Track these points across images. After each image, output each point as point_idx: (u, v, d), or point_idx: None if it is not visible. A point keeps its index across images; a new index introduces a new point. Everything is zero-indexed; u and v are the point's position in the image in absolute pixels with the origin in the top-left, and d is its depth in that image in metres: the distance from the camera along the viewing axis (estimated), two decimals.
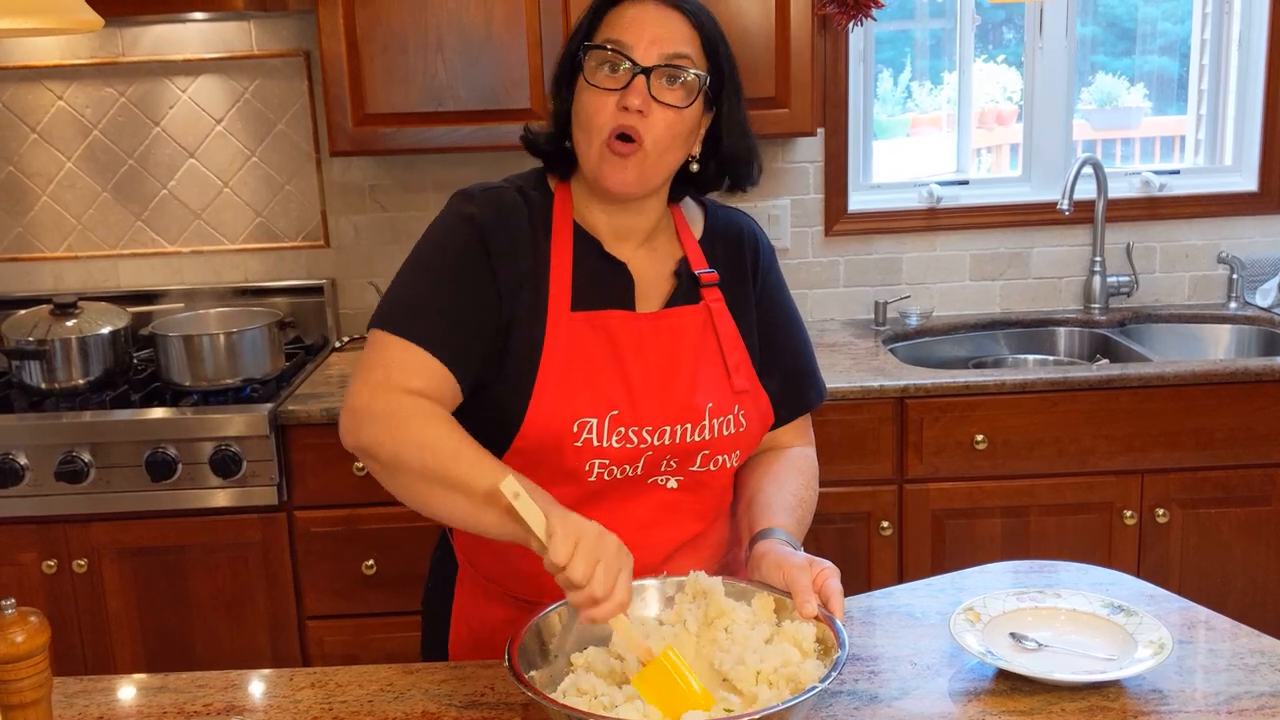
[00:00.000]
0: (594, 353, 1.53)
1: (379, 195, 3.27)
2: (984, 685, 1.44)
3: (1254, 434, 2.77)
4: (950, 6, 3.43)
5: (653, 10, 1.52)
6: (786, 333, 1.71)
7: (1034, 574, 1.75)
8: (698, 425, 1.55)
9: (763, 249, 1.70)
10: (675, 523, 1.60)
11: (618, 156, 1.50)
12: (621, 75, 1.50)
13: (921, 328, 3.28)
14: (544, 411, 1.50)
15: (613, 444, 1.51)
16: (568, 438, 1.50)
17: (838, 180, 3.29)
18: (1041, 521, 2.80)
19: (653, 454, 1.54)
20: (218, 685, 1.53)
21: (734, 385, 1.59)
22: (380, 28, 2.82)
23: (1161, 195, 3.35)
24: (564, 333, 1.52)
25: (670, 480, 1.58)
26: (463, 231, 1.53)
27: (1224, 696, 1.40)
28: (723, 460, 1.59)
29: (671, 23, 1.51)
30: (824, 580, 1.42)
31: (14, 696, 1.21)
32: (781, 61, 2.85)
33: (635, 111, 1.48)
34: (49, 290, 3.26)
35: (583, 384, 1.52)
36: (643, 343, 1.55)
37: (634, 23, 1.51)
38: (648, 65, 1.49)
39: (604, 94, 1.50)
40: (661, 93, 1.50)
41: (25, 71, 3.18)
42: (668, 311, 1.58)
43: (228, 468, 2.66)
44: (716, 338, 1.60)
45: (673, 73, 1.50)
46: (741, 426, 1.59)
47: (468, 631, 1.69)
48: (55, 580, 2.73)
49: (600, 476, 1.53)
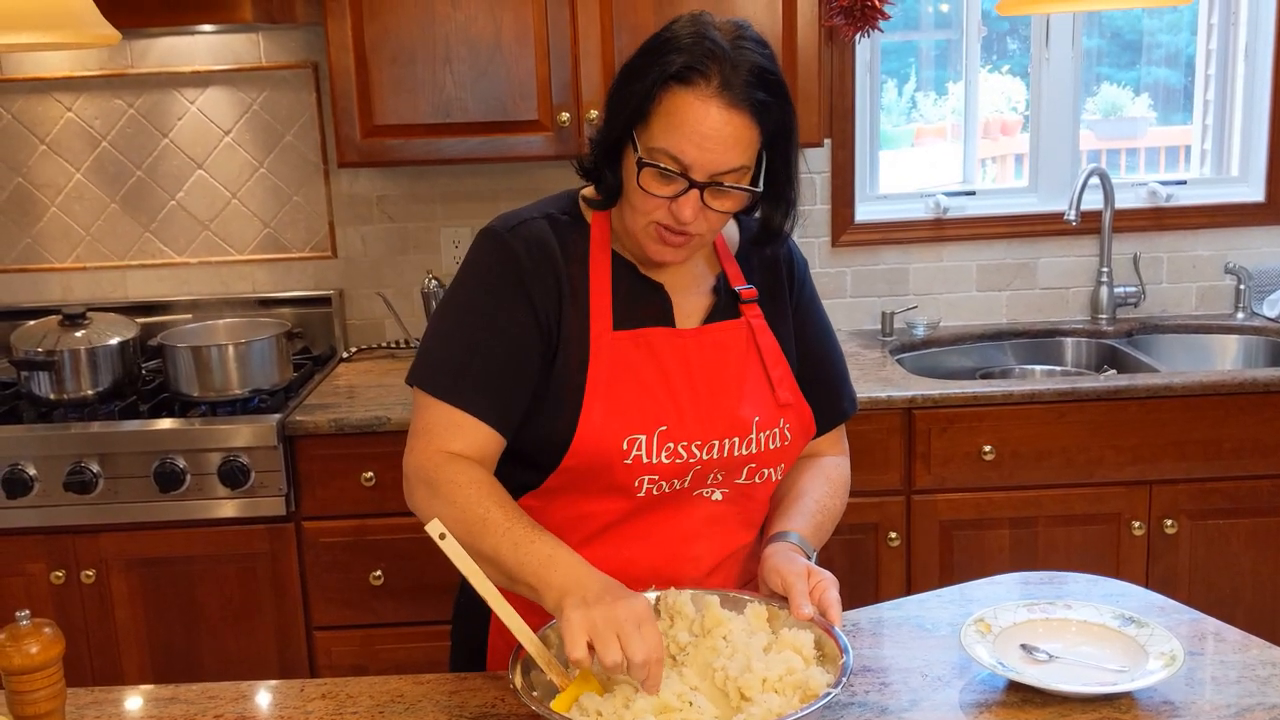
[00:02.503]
0: (639, 370, 1.54)
1: (387, 206, 3.28)
2: (995, 697, 1.44)
3: (1262, 445, 2.77)
4: (955, 18, 3.44)
5: (715, 118, 1.41)
6: (821, 343, 1.73)
7: (1044, 585, 1.75)
8: (745, 439, 1.56)
9: (797, 262, 1.71)
10: (720, 534, 1.61)
11: (667, 245, 1.50)
12: (674, 185, 1.45)
13: (928, 338, 3.28)
14: (593, 430, 1.51)
15: (662, 460, 1.52)
16: (617, 455, 1.51)
17: (844, 191, 3.30)
18: (1050, 532, 2.80)
19: (701, 468, 1.55)
20: (228, 696, 1.53)
21: (778, 399, 1.60)
22: (388, 40, 2.83)
23: (1168, 206, 3.35)
24: (608, 352, 1.53)
25: (715, 493, 1.59)
26: (498, 274, 1.53)
27: (1236, 709, 1.40)
28: (768, 474, 1.61)
29: (733, 131, 1.42)
30: (822, 590, 1.43)
31: (29, 708, 1.22)
32: (788, 73, 2.83)
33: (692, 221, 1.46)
34: (58, 301, 3.27)
35: (630, 402, 1.52)
36: (687, 358, 1.56)
37: (693, 135, 1.41)
38: (702, 182, 1.44)
39: (654, 197, 1.47)
40: (715, 201, 1.46)
41: (34, 83, 3.20)
42: (710, 327, 1.59)
43: (236, 478, 2.66)
44: (759, 352, 1.61)
45: (725, 190, 1.46)
46: (787, 440, 1.60)
47: (503, 641, 1.68)
48: (63, 591, 2.73)
49: (649, 492, 1.54)
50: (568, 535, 1.51)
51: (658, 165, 1.44)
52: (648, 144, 1.45)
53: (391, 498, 2.67)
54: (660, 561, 1.57)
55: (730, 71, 1.41)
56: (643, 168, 1.45)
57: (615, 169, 1.51)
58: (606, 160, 1.52)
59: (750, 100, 1.42)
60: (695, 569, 1.58)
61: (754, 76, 1.42)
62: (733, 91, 1.41)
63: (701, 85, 1.41)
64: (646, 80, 1.44)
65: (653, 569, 1.57)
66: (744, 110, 1.42)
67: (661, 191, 1.46)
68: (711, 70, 1.41)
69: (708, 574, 1.60)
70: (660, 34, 1.47)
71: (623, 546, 1.57)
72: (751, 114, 1.42)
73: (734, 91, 1.41)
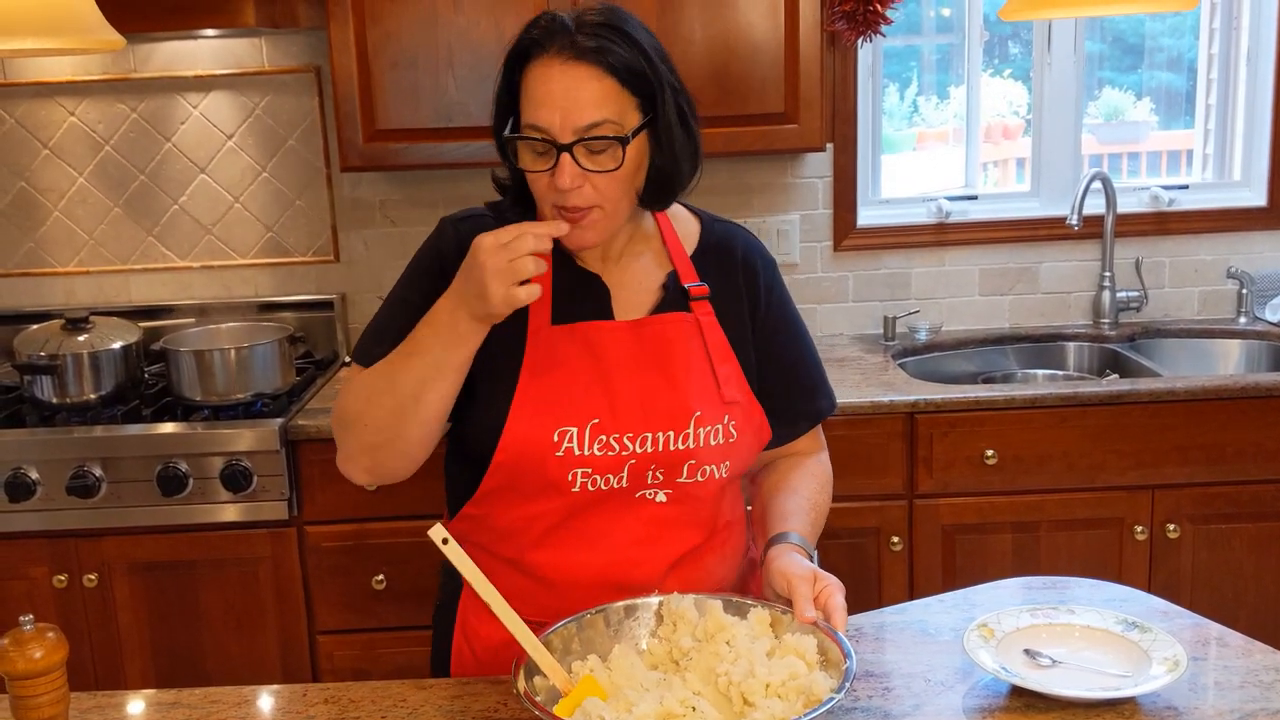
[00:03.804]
0: (574, 363, 1.55)
1: (389, 210, 3.28)
2: (998, 702, 1.44)
3: (1265, 449, 2.77)
4: (957, 22, 3.44)
5: (558, 75, 1.44)
6: (796, 344, 1.72)
7: (1047, 590, 1.75)
8: (681, 433, 1.55)
9: (763, 263, 1.70)
10: (668, 537, 1.59)
11: (571, 224, 1.51)
12: (546, 156, 1.47)
13: (930, 343, 3.28)
14: (523, 422, 1.52)
15: (594, 452, 1.52)
16: (548, 447, 1.51)
17: (846, 195, 3.30)
18: (1052, 537, 2.80)
19: (636, 462, 1.54)
20: (231, 701, 1.53)
21: (724, 396, 1.58)
22: (391, 44, 2.83)
23: (1171, 210, 3.35)
24: (544, 346, 1.54)
25: (659, 494, 1.57)
26: (427, 263, 1.60)
27: (1239, 714, 1.40)
28: (710, 471, 1.58)
29: (580, 83, 1.44)
30: (828, 595, 1.43)
31: (32, 712, 1.22)
32: (791, 77, 2.86)
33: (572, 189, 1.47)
34: (60, 305, 3.27)
35: (563, 394, 1.53)
36: (624, 351, 1.56)
37: (545, 98, 1.45)
38: (566, 143, 1.45)
39: (537, 174, 1.49)
40: (589, 162, 1.46)
41: (38, 88, 3.20)
42: (649, 319, 1.59)
43: (238, 482, 2.67)
44: (705, 348, 1.60)
45: (592, 144, 1.46)
46: (732, 437, 1.58)
47: (468, 649, 1.69)
48: (66, 595, 2.73)
49: (584, 487, 1.53)
50: (511, 544, 1.53)
51: (523, 136, 1.47)
52: (518, 126, 1.49)
53: (394, 502, 2.67)
54: (608, 567, 1.56)
55: (567, 33, 1.46)
56: (515, 144, 1.49)
57: (515, 169, 1.55)
58: (506, 163, 1.57)
59: (592, 51, 1.45)
60: (643, 573, 1.57)
61: (596, 30, 1.46)
62: (573, 49, 1.45)
63: (544, 55, 1.46)
64: (504, 72, 1.51)
65: (601, 575, 1.56)
66: (588, 61, 1.45)
67: (538, 166, 1.48)
68: (549, 38, 1.46)
69: (663, 576, 1.58)
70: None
71: (568, 553, 1.56)
72: (598, 64, 1.45)
73: (574, 48, 1.45)
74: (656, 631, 1.48)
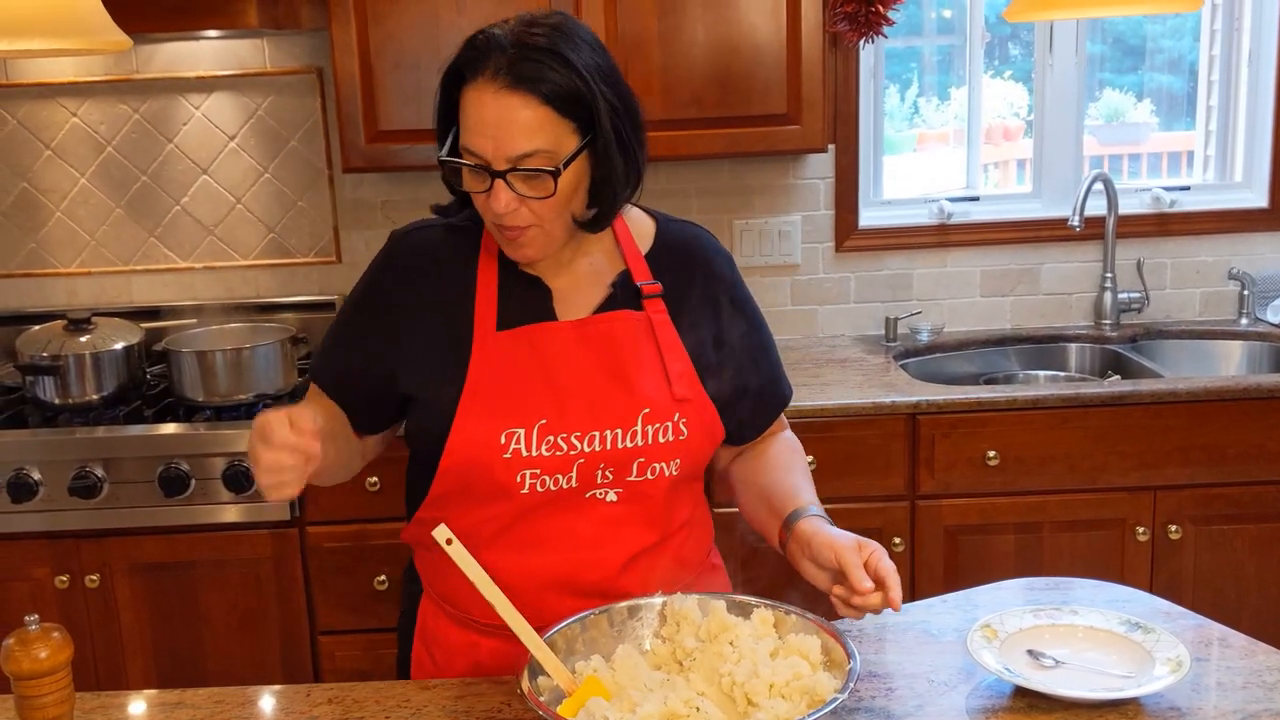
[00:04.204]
0: (521, 367, 1.55)
1: (391, 211, 3.28)
2: (1001, 702, 1.44)
3: (1266, 450, 2.77)
4: (958, 23, 3.44)
5: (491, 102, 1.43)
6: (759, 337, 1.72)
7: (1049, 591, 1.75)
8: (630, 430, 1.54)
9: (720, 260, 1.69)
10: (620, 537, 1.58)
11: (509, 240, 1.52)
12: (483, 178, 1.47)
13: (932, 344, 3.28)
14: (469, 426, 1.52)
15: (542, 452, 1.52)
16: (496, 449, 1.51)
17: (848, 196, 3.30)
18: (1054, 538, 2.80)
19: (585, 461, 1.53)
20: (235, 701, 1.54)
21: (675, 393, 1.57)
22: (393, 45, 2.83)
23: (1172, 211, 3.35)
24: (490, 352, 1.55)
25: (609, 493, 1.56)
26: (373, 275, 1.67)
27: (1242, 714, 1.40)
28: (660, 468, 1.57)
29: (512, 112, 1.42)
30: (876, 561, 1.43)
31: (37, 712, 1.22)
32: (793, 78, 2.87)
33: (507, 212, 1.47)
34: (62, 306, 3.27)
35: (510, 397, 1.53)
36: (569, 351, 1.56)
37: (478, 125, 1.44)
38: (500, 170, 1.45)
39: (478, 195, 1.49)
40: (524, 188, 1.46)
41: (40, 89, 3.20)
42: (594, 318, 1.58)
43: (240, 483, 2.67)
44: (657, 345, 1.59)
45: (525, 175, 1.45)
46: (682, 435, 1.57)
47: (427, 654, 1.70)
48: (68, 595, 2.73)
49: (533, 488, 1.53)
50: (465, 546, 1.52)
51: (459, 161, 1.48)
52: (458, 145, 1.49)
53: (396, 503, 2.66)
54: (559, 568, 1.56)
55: (504, 57, 1.43)
56: (452, 166, 1.49)
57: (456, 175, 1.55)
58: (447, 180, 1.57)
59: (529, 80, 1.42)
60: (596, 574, 1.56)
61: (535, 56, 1.43)
62: (509, 75, 1.42)
63: (479, 77, 1.44)
64: (442, 86, 1.50)
65: (553, 576, 1.55)
66: (523, 91, 1.42)
67: (477, 187, 1.48)
68: (486, 61, 1.44)
69: (618, 575, 1.57)
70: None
71: (519, 554, 1.56)
72: (531, 93, 1.42)
73: (510, 75, 1.42)
74: (660, 631, 1.48)
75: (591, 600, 1.53)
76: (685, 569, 1.66)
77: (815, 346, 3.25)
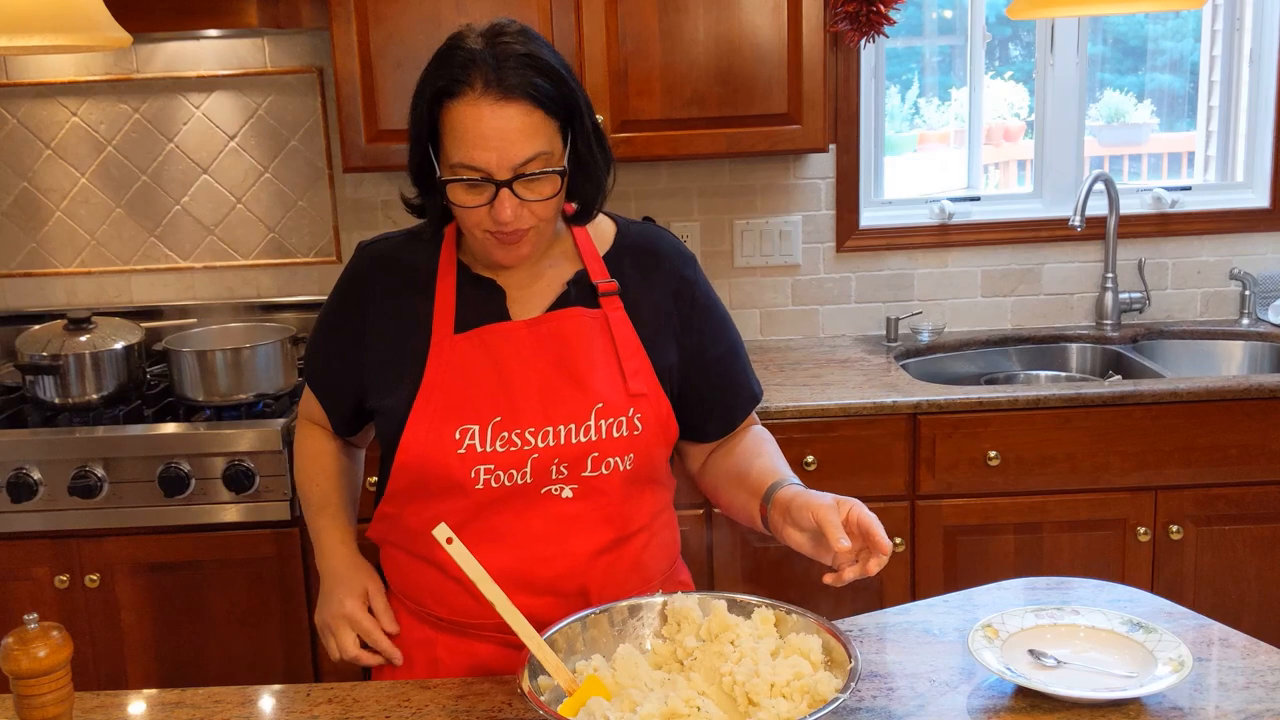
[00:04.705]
0: (475, 367, 1.58)
1: (392, 211, 3.28)
2: (1002, 702, 1.44)
3: (1268, 450, 2.77)
4: (959, 24, 3.44)
5: (489, 115, 1.45)
6: (727, 336, 1.74)
7: (1050, 591, 1.75)
8: (583, 425, 1.56)
9: (683, 260, 1.71)
10: (577, 534, 1.59)
11: (507, 245, 1.55)
12: (483, 191, 1.49)
13: (933, 344, 3.28)
14: (424, 423, 1.56)
15: (496, 448, 1.55)
16: (450, 445, 1.54)
17: (849, 197, 3.30)
18: (1055, 538, 2.80)
19: (539, 456, 1.55)
20: (235, 701, 1.53)
21: (630, 389, 1.59)
22: (394, 45, 2.83)
23: (1173, 211, 3.35)
24: (446, 356, 1.58)
25: (564, 490, 1.58)
26: (343, 284, 1.72)
27: (1244, 714, 1.40)
28: (614, 463, 1.59)
29: (511, 121, 1.46)
30: (857, 515, 1.47)
31: (36, 712, 1.22)
32: (794, 78, 2.86)
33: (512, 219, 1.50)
34: (62, 305, 3.27)
35: (465, 397, 1.57)
36: (522, 349, 1.59)
37: (479, 140, 1.46)
38: (506, 179, 1.48)
39: (472, 209, 1.51)
40: (527, 192, 1.50)
41: (40, 88, 3.20)
42: (546, 316, 1.61)
43: (241, 483, 2.66)
44: (613, 342, 1.61)
45: (528, 179, 1.49)
46: (636, 429, 1.59)
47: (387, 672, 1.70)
48: (68, 595, 2.73)
49: (488, 484, 1.55)
50: (423, 542, 1.55)
51: (460, 179, 1.49)
52: (448, 162, 1.50)
53: None
54: (516, 564, 1.56)
55: (490, 70, 1.46)
56: (447, 185, 1.51)
57: (433, 194, 1.58)
58: (424, 188, 1.60)
59: (519, 87, 1.46)
60: (552, 570, 1.57)
61: (517, 64, 1.47)
62: (500, 86, 1.46)
63: (468, 92, 1.46)
64: (422, 105, 1.52)
65: (510, 573, 1.55)
66: (517, 99, 1.46)
67: (475, 201, 1.50)
68: (472, 75, 1.46)
69: (568, 574, 1.58)
70: (430, 59, 1.54)
71: (476, 551, 1.53)
72: (526, 99, 1.47)
73: (501, 86, 1.46)
74: (660, 631, 1.48)
75: (546, 599, 1.56)
76: (646, 576, 1.66)
77: (816, 347, 3.24)
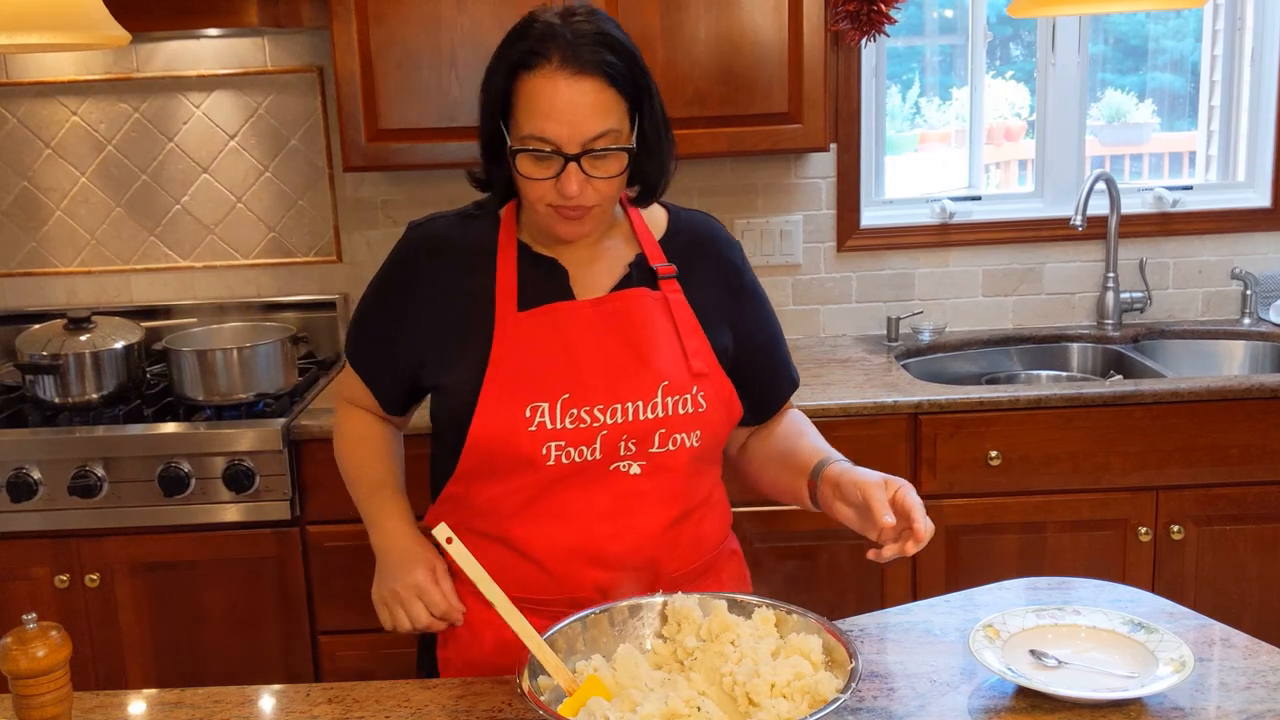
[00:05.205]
0: (542, 344, 1.60)
1: (392, 211, 3.28)
2: (1003, 703, 1.44)
3: (1269, 450, 2.76)
4: (960, 23, 3.44)
5: (564, 89, 1.49)
6: (771, 323, 1.79)
7: (1052, 591, 1.75)
8: (649, 402, 1.58)
9: (732, 247, 1.76)
10: (643, 510, 1.61)
11: (569, 221, 1.57)
12: (551, 164, 1.52)
13: (934, 343, 3.27)
14: (494, 401, 1.57)
15: (566, 425, 1.56)
16: (521, 422, 1.56)
17: (850, 196, 3.29)
18: (1056, 538, 2.79)
19: (608, 433, 1.57)
20: (234, 701, 1.53)
21: (692, 368, 1.62)
22: (394, 44, 2.83)
23: (1174, 211, 3.35)
24: (511, 333, 1.60)
25: (632, 466, 1.60)
26: (392, 265, 1.72)
27: (1246, 715, 1.39)
28: (681, 439, 1.61)
29: (585, 96, 1.49)
30: (903, 496, 1.51)
31: (35, 711, 1.21)
32: (794, 77, 2.86)
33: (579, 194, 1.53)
34: (62, 305, 3.27)
35: (533, 374, 1.58)
36: (588, 328, 1.61)
37: (551, 111, 1.49)
38: (575, 154, 1.51)
39: (538, 181, 1.54)
40: (594, 169, 1.53)
41: (40, 87, 3.20)
42: (610, 296, 1.64)
43: (241, 482, 2.66)
44: (673, 323, 1.64)
45: (601, 154, 1.52)
46: (701, 407, 1.62)
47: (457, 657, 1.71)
48: (68, 595, 2.73)
49: (558, 460, 1.57)
50: (490, 519, 1.60)
51: (529, 150, 1.52)
52: (518, 134, 1.53)
53: None
54: (582, 540, 1.59)
55: (567, 45, 1.50)
56: (517, 155, 1.53)
57: (500, 167, 1.61)
58: (492, 162, 1.62)
59: (594, 64, 1.50)
60: (619, 546, 1.59)
61: (592, 42, 1.51)
62: (576, 62, 1.49)
63: (544, 65, 1.50)
64: (498, 78, 1.55)
65: (577, 548, 1.58)
66: (591, 75, 1.50)
67: (542, 174, 1.53)
68: (550, 49, 1.50)
69: (636, 549, 1.60)
70: (506, 35, 1.57)
71: (544, 526, 1.59)
72: (600, 76, 1.50)
73: (577, 61, 1.49)
74: (661, 631, 1.48)
75: (617, 573, 1.58)
76: (704, 549, 1.70)
77: (817, 346, 3.24)
